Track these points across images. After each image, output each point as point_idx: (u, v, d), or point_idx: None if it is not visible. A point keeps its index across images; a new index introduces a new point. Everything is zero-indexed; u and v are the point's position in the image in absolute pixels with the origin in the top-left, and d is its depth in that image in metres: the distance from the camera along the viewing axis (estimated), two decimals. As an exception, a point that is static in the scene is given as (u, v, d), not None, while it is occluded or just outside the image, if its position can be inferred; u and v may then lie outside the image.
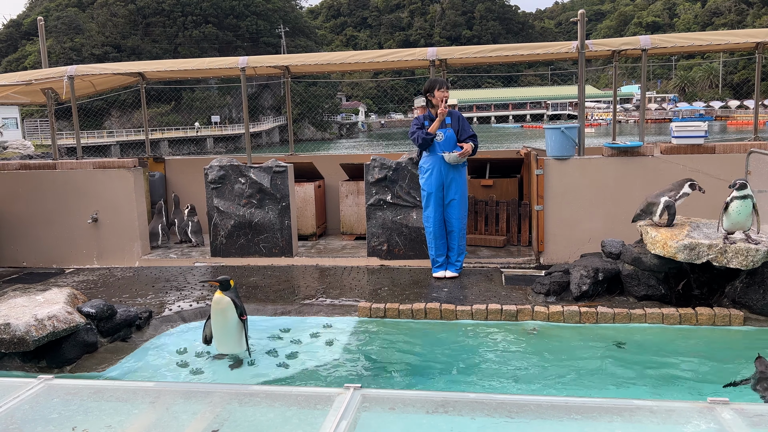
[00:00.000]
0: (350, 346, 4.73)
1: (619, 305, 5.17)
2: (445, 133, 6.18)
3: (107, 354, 4.67)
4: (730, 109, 73.95)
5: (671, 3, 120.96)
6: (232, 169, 7.22)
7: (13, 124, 44.76)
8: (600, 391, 3.92)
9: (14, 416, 2.45)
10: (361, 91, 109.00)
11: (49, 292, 4.94)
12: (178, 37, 75.86)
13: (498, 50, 7.23)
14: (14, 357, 4.48)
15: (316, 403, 2.52)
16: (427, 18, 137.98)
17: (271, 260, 7.24)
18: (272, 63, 7.97)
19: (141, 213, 7.54)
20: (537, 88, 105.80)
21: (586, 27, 6.77)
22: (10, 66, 62.71)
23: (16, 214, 7.60)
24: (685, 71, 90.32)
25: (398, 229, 6.95)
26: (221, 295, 4.43)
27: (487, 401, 2.54)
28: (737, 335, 4.71)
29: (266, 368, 4.39)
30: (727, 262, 4.80)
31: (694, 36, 7.11)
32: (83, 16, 72.51)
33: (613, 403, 2.51)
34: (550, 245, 6.74)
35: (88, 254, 7.54)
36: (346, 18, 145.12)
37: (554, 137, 6.63)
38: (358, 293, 5.88)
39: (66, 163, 7.66)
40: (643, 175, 6.50)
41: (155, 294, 6.10)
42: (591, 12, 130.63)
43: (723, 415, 2.22)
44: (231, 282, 4.50)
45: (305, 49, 76.74)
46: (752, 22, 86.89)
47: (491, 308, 5.17)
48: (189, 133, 57.30)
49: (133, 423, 2.52)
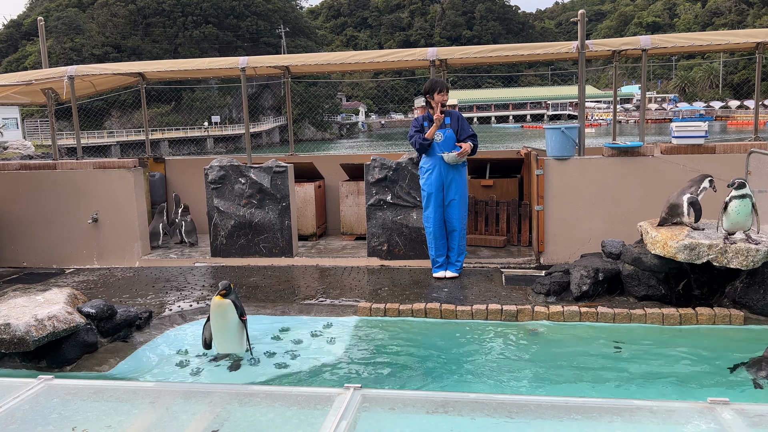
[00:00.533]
0: (350, 347, 4.73)
1: (619, 305, 5.16)
2: (445, 134, 6.19)
3: (107, 354, 4.67)
4: (730, 109, 73.95)
5: (671, 3, 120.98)
6: (233, 170, 7.22)
7: (14, 125, 44.75)
8: (600, 391, 3.92)
9: (14, 416, 2.45)
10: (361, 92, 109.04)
11: (49, 293, 4.94)
12: (179, 37, 75.89)
13: (498, 50, 7.23)
14: (14, 357, 4.47)
15: (316, 403, 2.52)
16: (427, 18, 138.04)
17: (272, 260, 7.24)
18: (272, 63, 7.97)
19: (141, 213, 7.54)
20: (537, 88, 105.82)
21: (586, 27, 6.77)
22: (10, 66, 62.75)
23: (17, 214, 7.60)
24: (686, 71, 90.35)
25: (398, 229, 6.95)
26: (221, 298, 4.43)
27: (487, 401, 2.54)
28: (737, 335, 4.71)
29: (266, 368, 4.39)
30: (727, 263, 4.80)
31: (695, 36, 7.11)
32: (83, 17, 72.53)
33: (613, 403, 2.50)
34: (550, 245, 6.74)
35: (89, 254, 7.54)
36: (347, 18, 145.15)
37: (554, 137, 6.63)
38: (359, 293, 5.88)
39: (66, 164, 7.66)
40: (643, 176, 6.50)
41: (155, 294, 6.10)
42: (591, 12, 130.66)
43: (723, 416, 2.22)
44: (231, 285, 4.51)
45: (305, 49, 76.74)
46: (752, 22, 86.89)
47: (491, 308, 5.17)
48: (189, 134, 57.30)
49: (133, 423, 2.52)
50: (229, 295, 4.45)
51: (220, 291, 4.42)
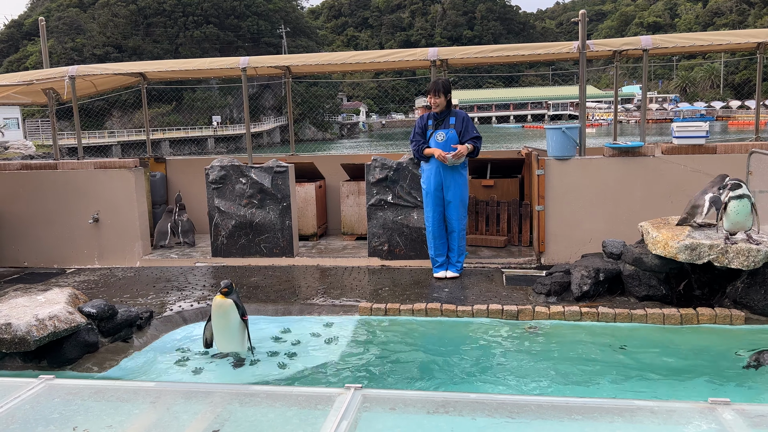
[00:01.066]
0: (351, 347, 4.73)
1: (620, 305, 5.16)
2: (447, 134, 6.15)
3: (108, 354, 4.67)
4: (731, 110, 73.88)
5: (672, 3, 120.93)
6: (233, 170, 7.22)
7: (15, 125, 44.79)
8: (601, 391, 3.91)
9: (15, 416, 2.45)
10: (362, 92, 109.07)
11: (50, 292, 4.95)
12: (179, 37, 75.94)
13: (499, 50, 7.23)
14: (15, 357, 4.48)
15: (316, 404, 2.52)
16: (428, 18, 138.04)
17: (272, 260, 7.25)
18: (273, 63, 7.97)
19: (142, 213, 7.55)
20: (538, 88, 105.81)
21: (587, 27, 6.77)
22: (11, 66, 62.83)
23: (18, 214, 7.60)
24: (687, 71, 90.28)
25: (399, 229, 6.95)
26: (222, 297, 4.43)
27: (488, 401, 2.54)
28: (738, 335, 4.70)
29: (267, 368, 4.39)
30: (728, 263, 4.79)
31: (696, 36, 7.11)
32: (84, 17, 72.58)
33: (613, 403, 2.50)
34: (551, 245, 6.74)
35: (89, 254, 7.54)
36: (347, 18, 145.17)
37: (555, 137, 6.63)
38: (359, 293, 5.88)
39: (67, 164, 7.66)
40: (644, 176, 6.50)
41: (156, 294, 6.11)
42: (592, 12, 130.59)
43: (724, 416, 2.22)
44: (233, 284, 4.52)
45: (306, 49, 76.80)
46: (753, 22, 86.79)
47: (492, 308, 5.17)
48: (190, 134, 57.33)
49: (133, 423, 2.52)
50: (230, 294, 4.46)
51: (222, 289, 4.43)
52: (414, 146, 6.29)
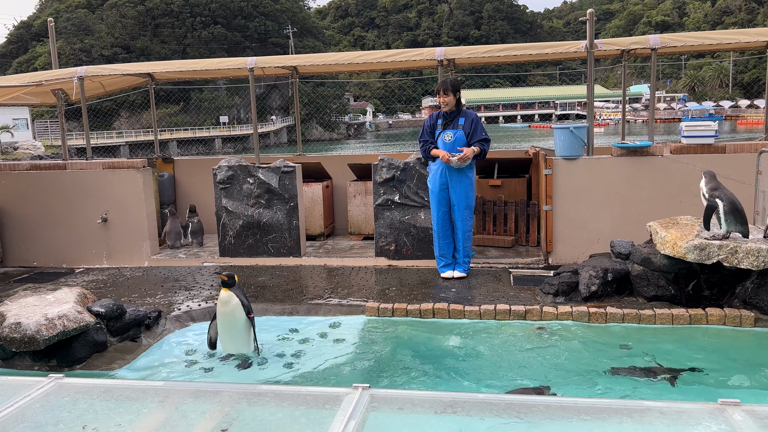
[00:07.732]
0: (358, 346, 4.73)
1: (628, 306, 5.14)
2: (455, 134, 6.12)
3: (117, 353, 4.69)
4: (740, 109, 73.46)
5: (681, 2, 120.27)
6: (241, 170, 7.24)
7: (24, 125, 45.08)
8: (609, 391, 3.90)
9: (25, 415, 2.47)
10: (368, 92, 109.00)
11: (59, 292, 4.97)
12: (187, 38, 76.15)
13: (506, 50, 7.21)
14: (25, 356, 4.51)
15: (324, 403, 2.53)
16: (434, 18, 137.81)
17: (280, 260, 7.26)
18: (280, 63, 7.99)
19: (150, 213, 7.58)
20: (545, 87, 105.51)
21: (594, 26, 6.74)
22: (20, 67, 63.16)
23: (27, 214, 7.65)
24: (695, 70, 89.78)
25: (406, 229, 6.95)
26: (228, 294, 4.44)
27: (496, 402, 2.53)
28: (748, 336, 4.67)
29: (274, 368, 4.40)
30: (737, 263, 4.76)
31: (704, 35, 7.07)
32: (93, 18, 72.89)
33: (622, 404, 2.49)
34: (558, 245, 6.72)
35: (98, 254, 7.58)
36: (354, 18, 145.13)
37: (563, 137, 6.60)
38: (366, 293, 5.88)
39: (76, 164, 7.70)
40: (652, 175, 6.47)
41: (164, 294, 6.13)
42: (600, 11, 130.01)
43: (734, 417, 2.20)
44: (235, 277, 4.51)
45: (313, 49, 76.79)
46: (763, 21, 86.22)
47: (500, 308, 5.16)
48: (197, 134, 57.51)
49: (142, 422, 2.53)
50: (233, 286, 4.45)
51: (221, 276, 4.44)
52: (422, 146, 6.29)
